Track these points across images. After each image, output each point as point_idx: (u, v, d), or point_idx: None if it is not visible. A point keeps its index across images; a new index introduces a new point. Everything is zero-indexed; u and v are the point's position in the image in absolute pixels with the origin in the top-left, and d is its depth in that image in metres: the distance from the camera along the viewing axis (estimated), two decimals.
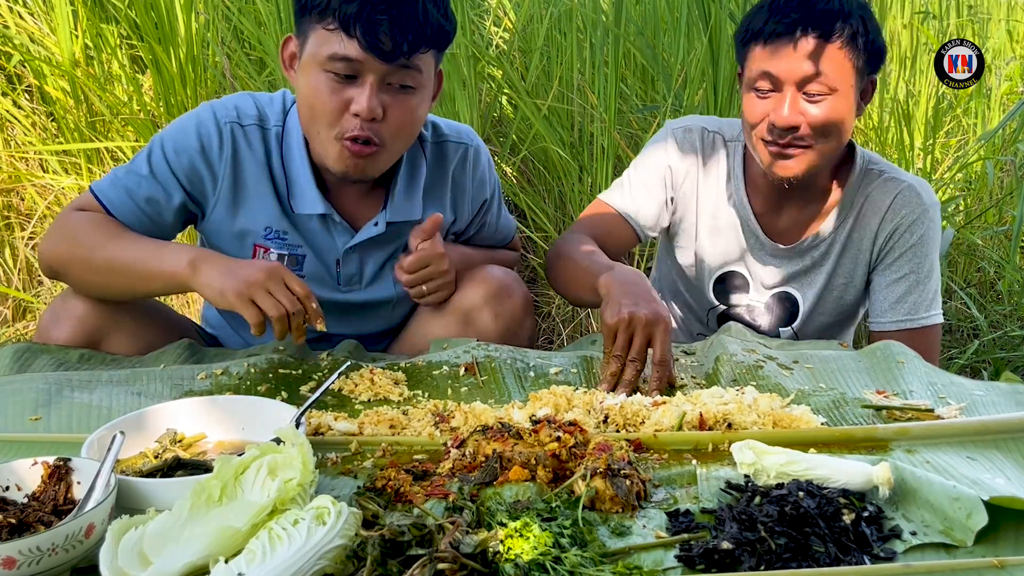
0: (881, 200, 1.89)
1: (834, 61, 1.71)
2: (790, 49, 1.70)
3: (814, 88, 1.71)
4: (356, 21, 1.52)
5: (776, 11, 1.72)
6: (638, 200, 1.98)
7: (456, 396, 1.53)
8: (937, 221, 1.91)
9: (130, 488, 1.06)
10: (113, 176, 1.72)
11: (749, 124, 1.81)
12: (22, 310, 3.19)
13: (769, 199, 1.93)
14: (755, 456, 1.16)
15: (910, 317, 1.88)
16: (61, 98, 3.27)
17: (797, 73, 1.71)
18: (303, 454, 1.04)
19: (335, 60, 1.55)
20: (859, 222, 1.91)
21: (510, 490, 1.11)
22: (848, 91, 1.73)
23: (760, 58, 1.75)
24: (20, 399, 1.41)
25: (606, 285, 1.64)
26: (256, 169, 1.72)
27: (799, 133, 1.74)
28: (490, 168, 1.94)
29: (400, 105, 1.61)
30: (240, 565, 0.90)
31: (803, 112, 1.73)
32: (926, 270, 1.89)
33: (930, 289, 1.90)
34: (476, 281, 1.79)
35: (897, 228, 1.88)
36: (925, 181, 1.95)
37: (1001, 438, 1.30)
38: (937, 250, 1.92)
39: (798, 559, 0.98)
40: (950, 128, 3.71)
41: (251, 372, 1.57)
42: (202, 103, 1.78)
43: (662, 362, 1.52)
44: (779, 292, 1.99)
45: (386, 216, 1.77)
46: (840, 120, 1.75)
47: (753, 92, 1.78)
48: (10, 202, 3.32)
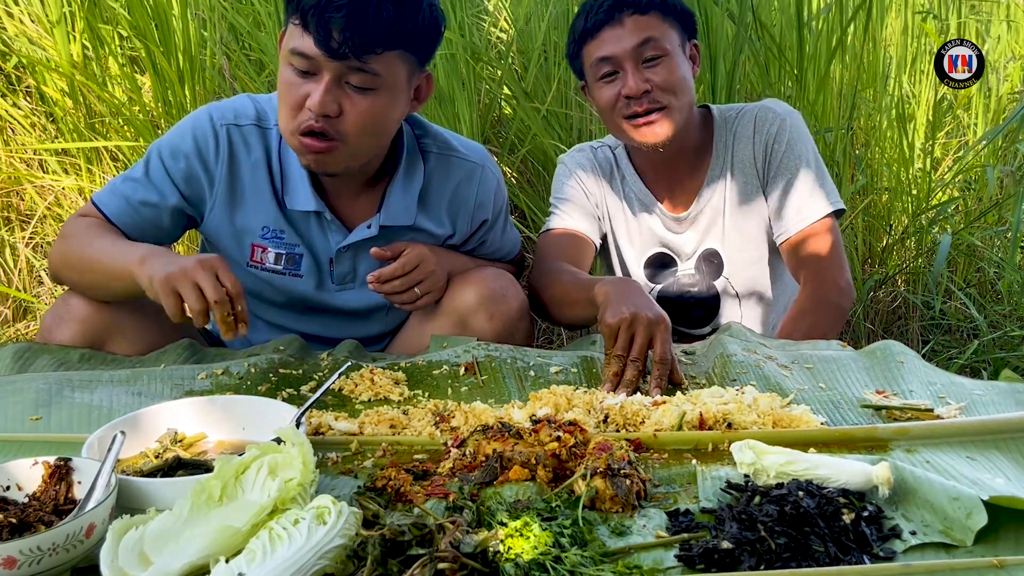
0: (744, 130, 2.04)
1: (657, 28, 1.90)
2: (618, 29, 1.89)
3: (649, 53, 1.89)
4: (311, 16, 1.52)
5: (591, 7, 1.92)
6: (575, 215, 2.11)
7: (456, 396, 1.53)
8: (798, 123, 2.03)
9: (130, 488, 1.06)
10: (111, 185, 1.75)
11: (607, 109, 1.96)
12: (22, 310, 3.19)
13: (661, 177, 2.09)
14: (755, 456, 1.16)
15: (806, 216, 1.98)
16: (60, 99, 3.28)
17: (630, 45, 1.88)
18: (303, 454, 1.04)
19: (294, 55, 1.56)
20: (736, 158, 2.05)
21: (510, 490, 1.11)
22: (677, 51, 1.93)
23: (594, 49, 1.92)
24: (20, 399, 1.42)
25: (603, 292, 1.66)
26: (253, 169, 1.72)
27: (652, 97, 1.89)
28: (498, 189, 1.93)
29: (357, 104, 1.59)
30: (240, 565, 0.90)
31: (648, 78, 1.89)
32: (804, 168, 1.99)
33: (813, 183, 1.99)
34: (470, 283, 1.78)
35: (767, 143, 2.02)
36: (774, 99, 2.11)
37: (1001, 438, 1.30)
38: (810, 148, 2.03)
39: (798, 559, 0.98)
40: (950, 128, 3.71)
41: (251, 372, 1.57)
42: (200, 107, 1.79)
43: (663, 360, 1.52)
44: (701, 252, 2.11)
45: (379, 220, 1.77)
46: (682, 76, 1.92)
47: (599, 81, 1.94)
48: (10, 202, 3.32)
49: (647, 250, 2.15)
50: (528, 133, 3.19)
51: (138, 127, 3.15)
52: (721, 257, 2.10)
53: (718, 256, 2.11)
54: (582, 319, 1.90)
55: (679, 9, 1.96)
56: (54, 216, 3.24)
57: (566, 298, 1.87)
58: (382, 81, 1.59)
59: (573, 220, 2.11)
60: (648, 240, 2.14)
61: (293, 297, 1.84)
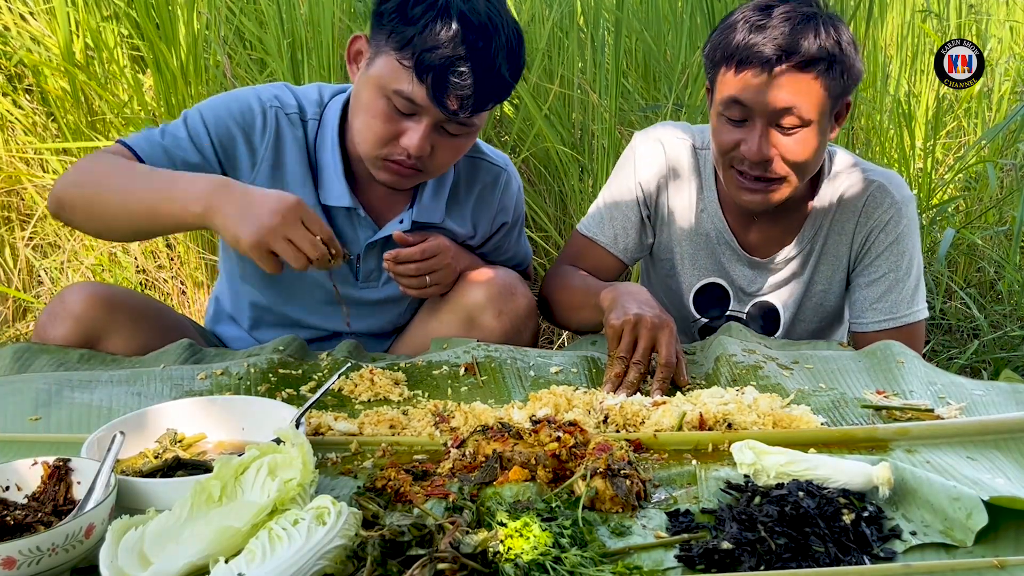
0: (853, 203, 1.85)
1: (809, 93, 1.62)
2: (764, 79, 1.62)
3: (787, 122, 1.64)
4: (431, 72, 1.51)
5: (751, 35, 1.62)
6: (616, 227, 1.94)
7: (456, 396, 1.53)
8: (912, 216, 1.87)
9: (130, 488, 1.06)
10: (148, 134, 1.67)
11: (720, 150, 1.74)
12: (22, 310, 3.19)
13: (743, 213, 1.89)
14: (755, 456, 1.16)
15: (891, 316, 1.86)
16: (61, 96, 3.28)
17: (770, 106, 1.63)
18: (303, 454, 1.04)
19: (399, 96, 1.55)
20: (834, 228, 1.88)
21: (510, 490, 1.11)
22: (822, 120, 1.67)
23: (731, 84, 1.66)
24: (20, 399, 1.41)
25: (610, 297, 1.66)
26: (298, 156, 1.73)
27: (772, 167, 1.68)
28: (518, 197, 1.97)
29: (449, 146, 1.64)
30: (240, 565, 0.90)
31: (775, 145, 1.66)
32: (904, 267, 1.86)
33: (909, 286, 1.87)
34: (480, 281, 1.79)
35: (873, 230, 1.85)
36: (896, 174, 1.91)
37: (1001, 438, 1.30)
38: (916, 244, 1.88)
39: (798, 559, 0.98)
40: (951, 128, 3.71)
41: (251, 372, 1.57)
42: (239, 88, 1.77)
43: (667, 364, 1.52)
44: (759, 302, 1.96)
45: (412, 215, 1.78)
46: (813, 152, 1.69)
47: (724, 118, 1.70)
48: (10, 202, 3.33)
49: (704, 277, 1.96)
50: (530, 134, 3.19)
51: (139, 126, 3.15)
52: (780, 318, 1.96)
53: (776, 315, 1.96)
54: (589, 324, 1.89)
55: (846, 68, 1.65)
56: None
57: (574, 304, 1.86)
58: (476, 129, 1.65)
59: (612, 231, 1.94)
60: (705, 265, 1.95)
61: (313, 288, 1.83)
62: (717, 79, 1.71)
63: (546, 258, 3.02)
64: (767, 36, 1.61)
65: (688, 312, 2.01)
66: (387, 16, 1.54)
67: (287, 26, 2.95)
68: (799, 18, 1.62)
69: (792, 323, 1.96)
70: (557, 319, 1.97)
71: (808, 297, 1.94)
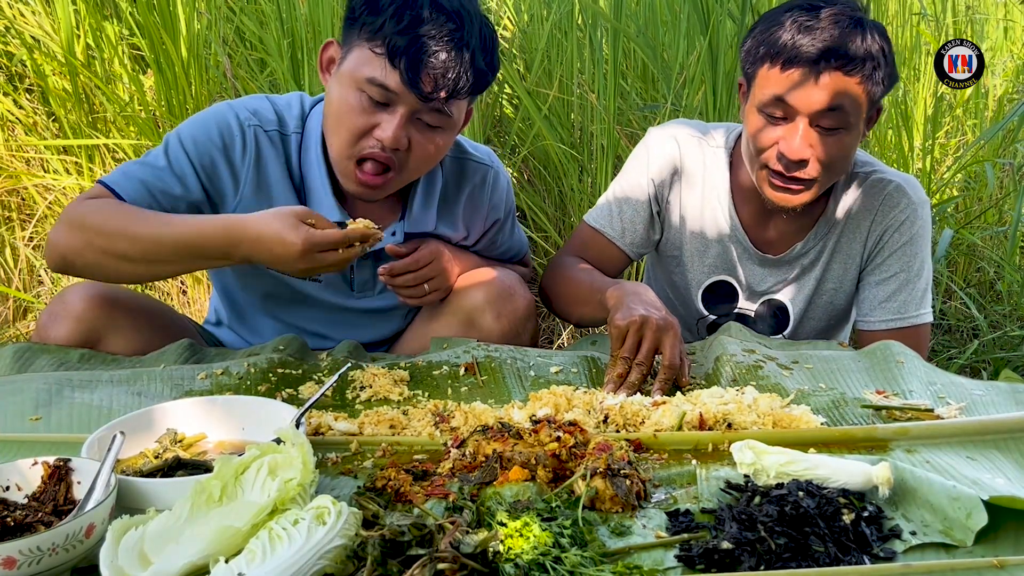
0: (870, 202, 1.87)
1: (852, 96, 1.65)
2: (811, 81, 1.63)
3: (828, 122, 1.66)
4: (403, 55, 1.51)
5: (799, 35, 1.63)
6: (624, 221, 1.95)
7: (456, 396, 1.53)
8: (927, 218, 1.89)
9: (130, 488, 1.06)
10: (124, 169, 1.66)
11: (756, 147, 1.74)
12: (22, 310, 3.19)
13: (757, 211, 1.90)
14: (755, 456, 1.16)
15: (899, 316, 1.87)
16: (62, 96, 3.28)
17: (814, 106, 1.64)
18: (303, 454, 1.04)
19: (372, 84, 1.55)
20: (848, 226, 1.89)
21: (510, 490, 1.11)
22: (859, 123, 1.70)
23: (775, 82, 1.67)
24: (20, 399, 1.41)
25: (615, 296, 1.65)
26: (279, 174, 1.70)
27: (807, 169, 1.69)
28: (508, 191, 1.95)
29: (425, 140, 1.62)
30: (240, 565, 0.90)
31: (814, 145, 1.68)
32: (916, 268, 1.87)
33: (919, 288, 1.88)
34: (478, 282, 1.78)
35: (887, 229, 1.87)
36: (913, 177, 1.93)
37: (1001, 438, 1.30)
38: (928, 247, 1.90)
39: (798, 559, 0.98)
40: (949, 128, 3.71)
41: (251, 372, 1.57)
42: (217, 103, 1.76)
43: (671, 366, 1.52)
44: (768, 300, 1.97)
45: (404, 227, 1.77)
46: (848, 153, 1.73)
47: (763, 115, 1.71)
48: (10, 202, 3.33)
49: (713, 274, 1.97)
50: (529, 133, 3.19)
51: (140, 126, 3.15)
52: (789, 316, 1.97)
53: (785, 313, 1.97)
54: (591, 320, 1.89)
55: (886, 74, 1.68)
56: (54, 216, 3.24)
57: (578, 298, 1.86)
58: (451, 120, 1.62)
59: (621, 225, 1.95)
60: (715, 262, 1.96)
61: (310, 300, 1.83)
62: (757, 76, 1.72)
63: (546, 258, 3.02)
64: (816, 37, 1.62)
65: (695, 309, 2.01)
66: (357, 11, 1.56)
67: (287, 26, 2.95)
68: (847, 21, 1.64)
69: (801, 321, 1.97)
70: (557, 311, 1.97)
71: (819, 295, 1.95)
